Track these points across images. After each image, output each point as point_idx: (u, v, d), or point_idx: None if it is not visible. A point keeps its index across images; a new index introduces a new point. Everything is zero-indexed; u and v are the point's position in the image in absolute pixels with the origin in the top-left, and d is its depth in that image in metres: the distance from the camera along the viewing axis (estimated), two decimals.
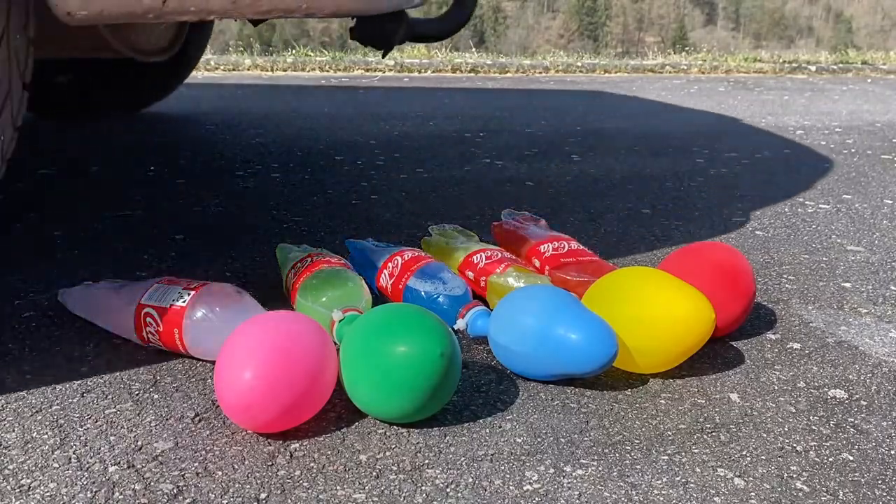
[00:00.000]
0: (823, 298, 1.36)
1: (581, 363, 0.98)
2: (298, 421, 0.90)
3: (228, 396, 0.88)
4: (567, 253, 1.29)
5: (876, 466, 0.89)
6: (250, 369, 0.87)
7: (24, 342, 1.10)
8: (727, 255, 1.18)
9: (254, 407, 0.87)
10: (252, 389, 0.86)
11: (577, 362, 0.98)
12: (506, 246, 1.37)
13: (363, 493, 0.81)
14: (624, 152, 2.51)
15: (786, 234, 1.72)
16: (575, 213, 1.82)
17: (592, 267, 1.25)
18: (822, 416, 0.99)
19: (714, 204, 1.94)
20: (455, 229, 1.44)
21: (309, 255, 1.22)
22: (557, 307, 1.00)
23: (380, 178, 2.07)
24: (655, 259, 1.51)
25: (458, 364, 0.93)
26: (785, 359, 1.14)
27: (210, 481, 0.81)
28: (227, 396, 0.88)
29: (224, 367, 0.89)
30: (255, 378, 0.86)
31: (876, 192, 2.12)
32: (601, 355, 0.97)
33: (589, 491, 0.82)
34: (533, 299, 1.03)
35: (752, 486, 0.84)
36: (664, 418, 0.97)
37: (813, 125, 3.19)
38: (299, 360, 0.88)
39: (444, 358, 0.89)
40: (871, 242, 1.68)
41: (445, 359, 0.89)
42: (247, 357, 0.88)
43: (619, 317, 1.03)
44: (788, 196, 2.05)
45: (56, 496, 0.78)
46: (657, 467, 0.87)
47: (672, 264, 1.18)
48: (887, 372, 1.11)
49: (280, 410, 0.87)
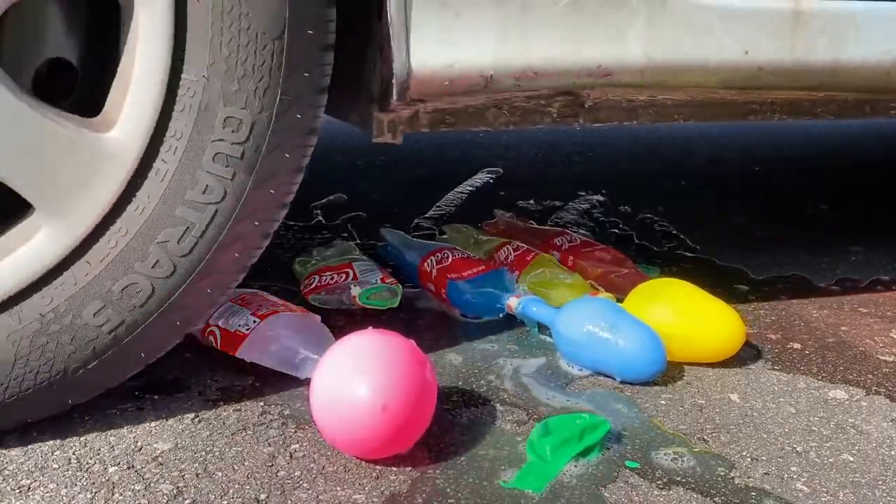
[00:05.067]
0: (824, 298, 1.36)
1: (627, 371, 1.04)
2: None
3: (361, 433, 0.84)
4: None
5: (876, 467, 0.89)
6: (392, 400, 0.83)
7: None
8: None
9: (394, 442, 0.85)
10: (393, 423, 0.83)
11: (625, 370, 1.04)
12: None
13: (363, 493, 0.81)
14: None
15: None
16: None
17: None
18: (822, 416, 0.99)
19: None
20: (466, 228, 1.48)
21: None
22: (618, 319, 1.06)
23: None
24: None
25: None
26: (785, 359, 1.14)
27: (210, 482, 0.81)
28: (357, 432, 0.84)
29: (346, 399, 0.83)
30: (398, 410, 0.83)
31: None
32: (648, 369, 1.04)
33: (589, 491, 0.82)
34: (599, 308, 1.09)
35: (752, 486, 0.84)
36: (664, 419, 0.97)
37: None
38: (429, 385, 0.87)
39: None
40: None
41: None
42: (385, 390, 0.83)
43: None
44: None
45: (56, 497, 0.78)
46: (658, 468, 0.87)
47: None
48: (887, 372, 1.11)
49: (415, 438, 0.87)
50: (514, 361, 1.09)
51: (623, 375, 1.04)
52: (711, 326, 1.10)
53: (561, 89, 0.98)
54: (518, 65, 0.92)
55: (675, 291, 1.15)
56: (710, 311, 1.11)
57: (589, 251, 1.35)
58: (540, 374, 1.06)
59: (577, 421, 0.89)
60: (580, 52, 0.94)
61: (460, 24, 0.88)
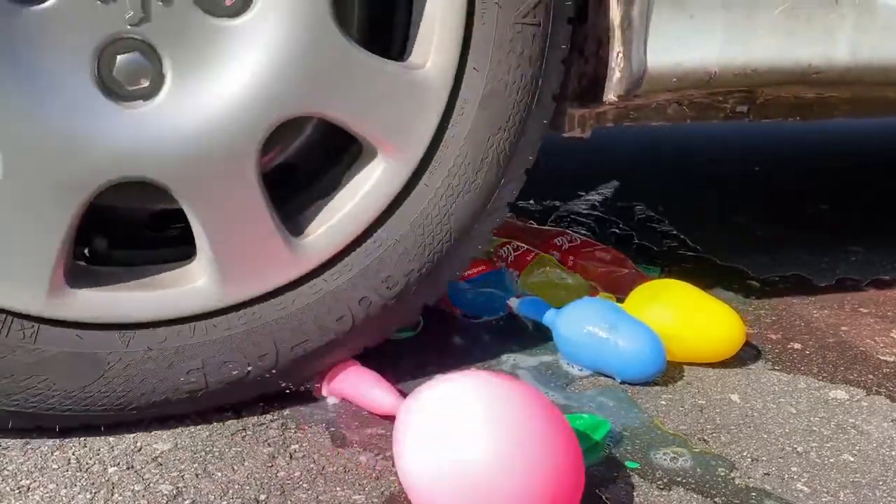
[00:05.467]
0: (824, 298, 1.36)
1: (627, 372, 1.04)
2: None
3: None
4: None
5: (877, 468, 0.89)
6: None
7: None
8: None
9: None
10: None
11: (625, 370, 1.04)
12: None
13: (363, 493, 0.81)
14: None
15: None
16: None
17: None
18: (822, 416, 0.99)
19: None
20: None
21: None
22: (618, 319, 1.06)
23: None
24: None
25: None
26: (785, 359, 1.14)
27: (209, 482, 0.81)
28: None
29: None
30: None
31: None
32: (648, 369, 1.04)
33: (589, 491, 0.82)
34: (598, 309, 1.09)
35: (752, 486, 0.84)
36: (665, 419, 0.97)
37: None
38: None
39: None
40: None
41: None
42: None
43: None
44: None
45: (55, 497, 0.78)
46: (658, 468, 0.87)
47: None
48: (888, 372, 1.11)
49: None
50: (514, 361, 1.09)
51: (623, 376, 1.04)
52: (711, 327, 1.10)
53: (772, 84, 1.07)
54: (738, 63, 1.01)
55: (675, 292, 1.14)
56: (709, 312, 1.11)
57: (589, 251, 1.36)
58: (540, 373, 1.06)
59: (577, 422, 0.89)
60: (794, 51, 1.03)
61: (693, 26, 0.98)
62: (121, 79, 0.81)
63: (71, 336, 0.84)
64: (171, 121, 0.83)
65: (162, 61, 0.82)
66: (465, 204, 0.94)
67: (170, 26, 0.81)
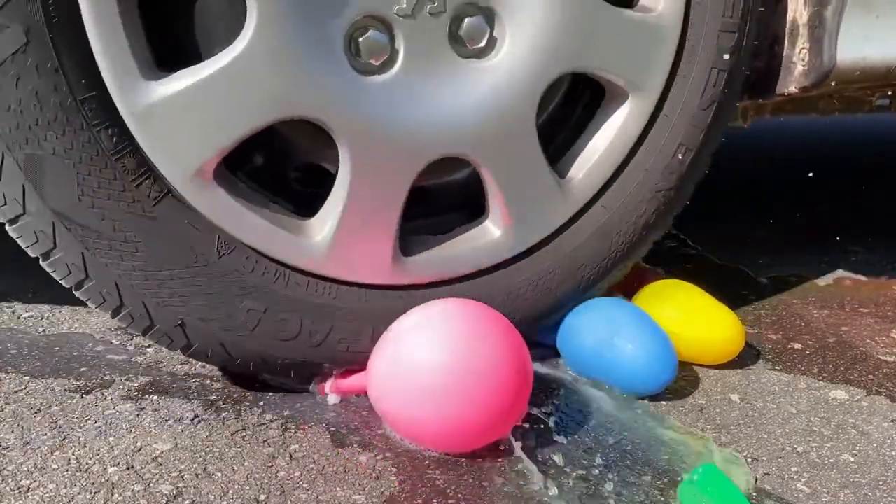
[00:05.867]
0: (824, 298, 1.36)
1: (635, 385, 1.01)
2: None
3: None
4: None
5: (877, 468, 0.89)
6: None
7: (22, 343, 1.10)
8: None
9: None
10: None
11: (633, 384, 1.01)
12: None
13: (363, 493, 0.81)
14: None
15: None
16: None
17: None
18: (822, 417, 0.99)
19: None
20: None
21: None
22: (624, 326, 1.03)
23: None
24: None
25: None
26: (785, 359, 1.14)
27: (209, 482, 0.81)
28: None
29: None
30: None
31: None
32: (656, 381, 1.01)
33: (589, 491, 0.82)
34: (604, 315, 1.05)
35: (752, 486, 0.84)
36: (665, 419, 0.97)
37: None
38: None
39: None
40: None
41: None
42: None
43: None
44: None
45: (55, 497, 0.78)
46: (657, 468, 0.87)
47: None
48: (888, 372, 1.11)
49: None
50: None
51: (628, 391, 1.01)
52: (710, 331, 1.09)
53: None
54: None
55: (675, 294, 1.14)
56: (709, 315, 1.10)
57: None
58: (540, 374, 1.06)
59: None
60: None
61: (879, 24, 1.10)
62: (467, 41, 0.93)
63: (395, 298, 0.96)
64: (504, 78, 0.94)
65: (496, 26, 0.94)
66: (693, 130, 1.05)
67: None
